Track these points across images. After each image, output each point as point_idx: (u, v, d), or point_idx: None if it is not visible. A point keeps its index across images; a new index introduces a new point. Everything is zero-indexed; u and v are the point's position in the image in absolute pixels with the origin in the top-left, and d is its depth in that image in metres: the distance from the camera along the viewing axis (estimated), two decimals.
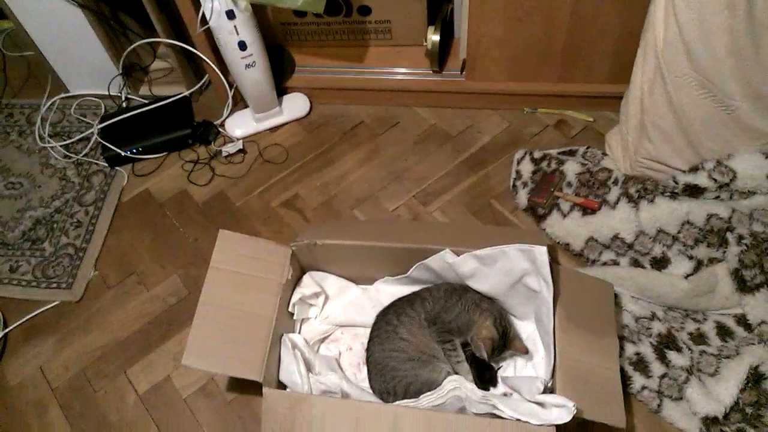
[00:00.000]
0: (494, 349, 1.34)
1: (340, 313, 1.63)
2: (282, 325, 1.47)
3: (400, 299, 1.55)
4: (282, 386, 1.43)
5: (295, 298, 1.55)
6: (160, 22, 1.90)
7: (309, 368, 1.44)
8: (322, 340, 1.63)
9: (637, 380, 1.45)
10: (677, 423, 1.39)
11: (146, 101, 2.08)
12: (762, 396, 1.34)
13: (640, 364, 1.46)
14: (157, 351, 1.61)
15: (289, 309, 1.53)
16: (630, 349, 1.48)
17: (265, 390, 1.32)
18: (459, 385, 1.30)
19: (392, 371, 1.43)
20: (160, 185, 2.02)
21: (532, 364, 1.48)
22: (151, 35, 2.06)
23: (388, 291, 1.62)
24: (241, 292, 1.43)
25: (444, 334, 1.47)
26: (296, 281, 1.60)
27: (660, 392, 1.42)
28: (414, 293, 1.55)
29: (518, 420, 1.22)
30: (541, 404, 1.26)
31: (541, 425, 1.19)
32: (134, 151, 2.03)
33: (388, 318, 1.51)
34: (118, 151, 1.99)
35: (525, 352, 1.47)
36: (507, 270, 1.43)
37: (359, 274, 1.57)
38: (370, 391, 1.48)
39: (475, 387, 1.30)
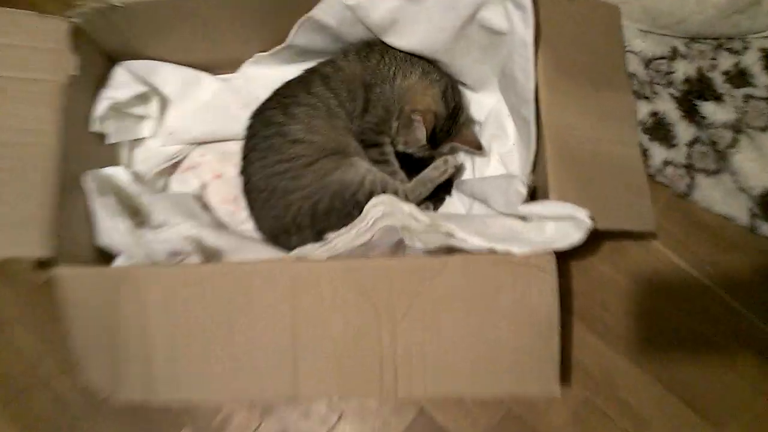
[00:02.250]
0: (436, 130, 0.91)
1: (193, 123, 1.02)
2: (81, 156, 0.86)
3: (285, 84, 0.95)
4: (109, 256, 0.86)
5: (102, 107, 0.91)
6: None
7: (143, 220, 0.87)
8: (172, 169, 1.03)
9: (656, 153, 0.96)
10: (717, 207, 0.94)
11: None
12: None
13: (660, 130, 0.96)
14: None
15: (95, 127, 0.91)
16: (642, 109, 0.97)
17: (57, 271, 0.75)
18: (391, 210, 0.77)
19: (285, 195, 0.89)
20: None
21: (499, 156, 0.95)
22: None
23: (265, 76, 1.01)
24: None
25: (369, 131, 0.91)
26: (99, 79, 0.95)
27: (690, 166, 0.94)
28: (308, 71, 0.96)
29: (492, 251, 0.72)
30: (524, 218, 0.77)
31: (531, 253, 0.69)
32: None
33: (267, 115, 0.93)
34: None
35: (478, 147, 0.94)
36: (449, 3, 0.83)
37: (212, 56, 0.98)
38: (258, 235, 0.94)
39: (414, 208, 0.76)
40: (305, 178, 0.88)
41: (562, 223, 0.72)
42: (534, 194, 0.82)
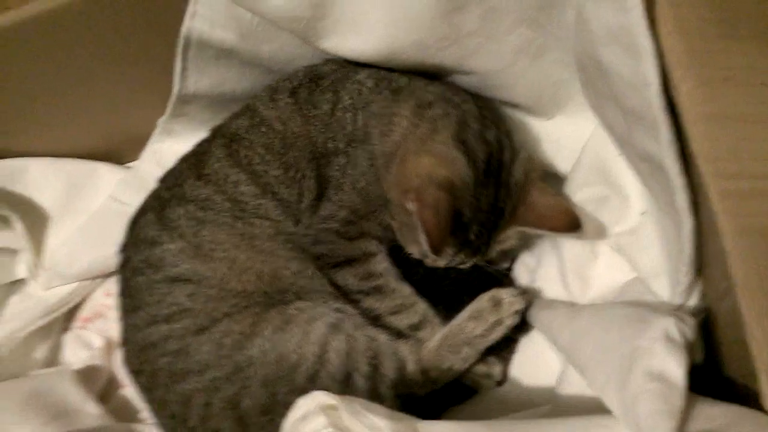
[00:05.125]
0: (465, 215, 0.46)
1: (83, 247, 0.64)
2: None
3: (178, 162, 0.54)
4: None
5: None
6: None
7: None
8: (67, 322, 0.65)
9: None
10: None
11: None
12: None
13: None
14: None
15: None
16: None
17: None
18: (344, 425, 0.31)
19: (173, 382, 0.48)
20: None
21: (616, 244, 0.45)
22: None
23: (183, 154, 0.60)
24: None
25: (330, 237, 0.49)
26: None
27: None
28: (212, 131, 0.56)
29: None
30: None
31: None
32: None
33: (141, 224, 0.53)
34: None
35: (571, 226, 0.46)
36: None
37: (117, 133, 0.69)
38: None
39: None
40: (198, 352, 0.46)
41: None
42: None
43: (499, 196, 0.46)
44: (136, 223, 0.52)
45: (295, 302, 0.47)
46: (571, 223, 0.46)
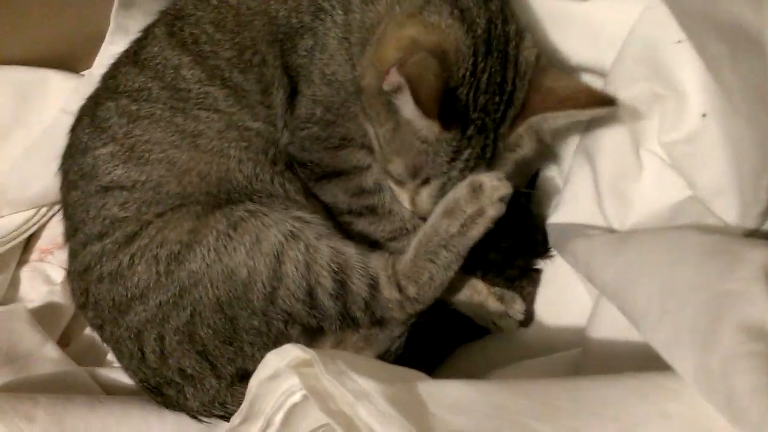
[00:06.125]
0: (459, 92, 0.36)
1: (37, 168, 0.56)
2: None
3: (111, 64, 0.46)
4: None
5: None
6: None
7: None
8: (26, 253, 0.58)
9: None
10: None
11: None
12: None
13: None
14: None
15: None
16: None
17: None
18: (322, 387, 0.25)
19: (118, 315, 0.41)
20: None
21: (666, 154, 0.35)
22: None
23: None
24: None
25: (313, 143, 0.42)
26: None
27: None
28: (153, 21, 0.46)
29: None
30: None
31: None
32: None
33: (76, 129, 0.45)
34: None
35: (602, 101, 0.37)
36: None
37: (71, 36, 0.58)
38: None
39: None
40: (134, 272, 0.39)
41: None
42: None
43: (507, 76, 0.37)
44: (73, 131, 0.44)
45: (246, 203, 0.39)
46: (601, 98, 0.37)
